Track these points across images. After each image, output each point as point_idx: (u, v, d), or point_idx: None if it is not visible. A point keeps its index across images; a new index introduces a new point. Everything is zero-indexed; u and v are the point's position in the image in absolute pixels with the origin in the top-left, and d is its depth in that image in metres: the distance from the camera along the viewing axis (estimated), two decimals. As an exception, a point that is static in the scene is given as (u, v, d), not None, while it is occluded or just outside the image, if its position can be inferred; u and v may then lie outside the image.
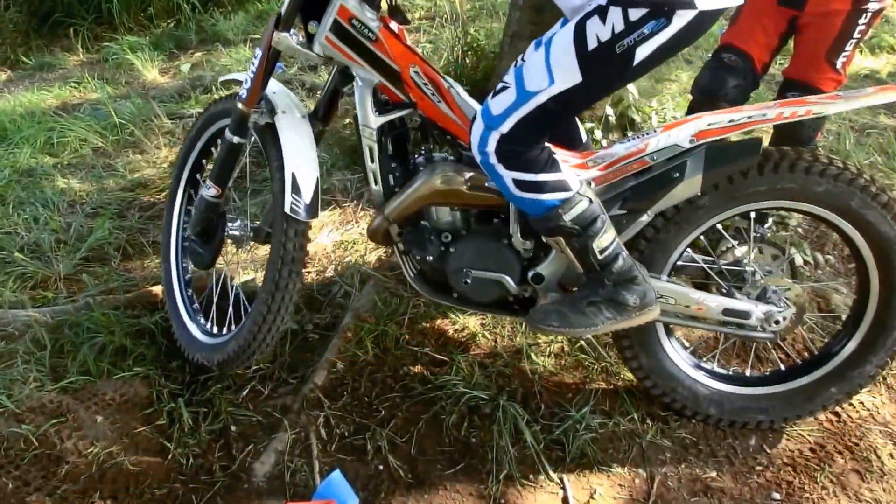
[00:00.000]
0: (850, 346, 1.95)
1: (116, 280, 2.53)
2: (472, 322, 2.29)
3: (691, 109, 2.50)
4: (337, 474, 1.81)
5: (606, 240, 1.69)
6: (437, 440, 1.95)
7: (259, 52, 1.84)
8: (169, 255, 2.27)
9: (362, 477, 1.86)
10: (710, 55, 2.43)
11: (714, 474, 1.90)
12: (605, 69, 1.53)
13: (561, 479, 1.86)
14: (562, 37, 1.53)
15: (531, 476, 1.87)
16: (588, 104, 1.62)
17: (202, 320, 2.19)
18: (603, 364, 2.18)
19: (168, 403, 2.04)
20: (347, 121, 3.22)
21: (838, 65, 2.24)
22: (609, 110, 2.81)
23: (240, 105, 1.90)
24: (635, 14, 1.45)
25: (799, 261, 2.63)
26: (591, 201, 1.68)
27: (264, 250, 2.64)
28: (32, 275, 2.55)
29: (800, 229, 2.81)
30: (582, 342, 2.21)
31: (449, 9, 3.59)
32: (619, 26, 1.45)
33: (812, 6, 2.20)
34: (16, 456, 1.84)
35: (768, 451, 1.98)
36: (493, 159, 1.63)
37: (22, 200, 3.03)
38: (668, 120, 2.84)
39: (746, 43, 2.32)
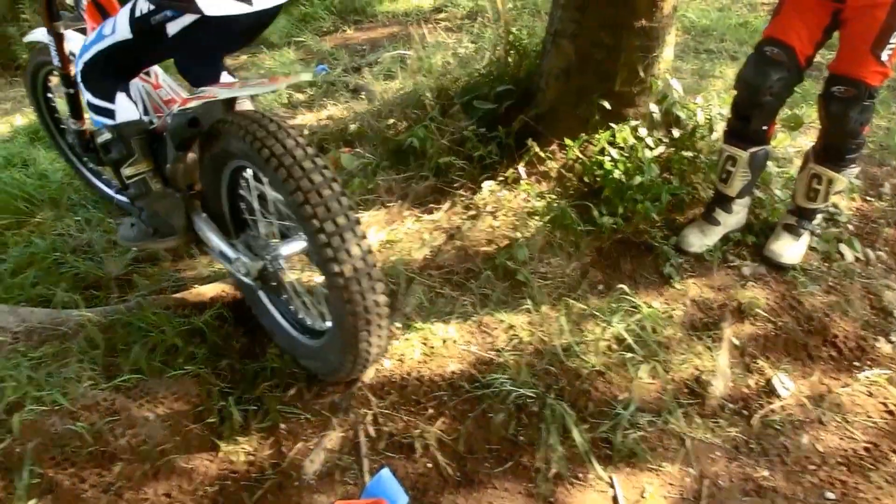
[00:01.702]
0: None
1: (166, 280, 2.57)
2: (518, 320, 2.29)
3: (736, 104, 2.47)
4: (386, 472, 1.82)
5: (132, 171, 2.09)
6: (485, 438, 1.95)
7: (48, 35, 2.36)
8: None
9: (411, 475, 1.86)
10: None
11: (766, 473, 1.88)
12: (147, 34, 1.91)
13: (610, 478, 1.85)
14: (131, 3, 1.92)
15: (580, 474, 1.86)
16: (145, 59, 2.10)
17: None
18: (651, 362, 2.16)
19: (218, 402, 2.07)
20: (391, 120, 3.23)
21: (884, 57, 2.19)
22: (653, 108, 2.78)
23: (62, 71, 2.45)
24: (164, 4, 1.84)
25: (849, 257, 2.58)
26: (119, 135, 2.07)
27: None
28: (85, 275, 2.60)
29: (850, 226, 2.75)
30: (629, 341, 2.19)
31: (491, 8, 3.58)
32: (151, 7, 1.86)
33: (854, -1, 2.16)
34: (72, 453, 1.88)
35: (821, 450, 1.94)
36: (80, 78, 2.10)
37: (74, 203, 3.10)
38: (713, 117, 2.80)
39: (789, 36, 2.30)
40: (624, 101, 2.78)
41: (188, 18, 1.83)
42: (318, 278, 2.11)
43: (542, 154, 2.81)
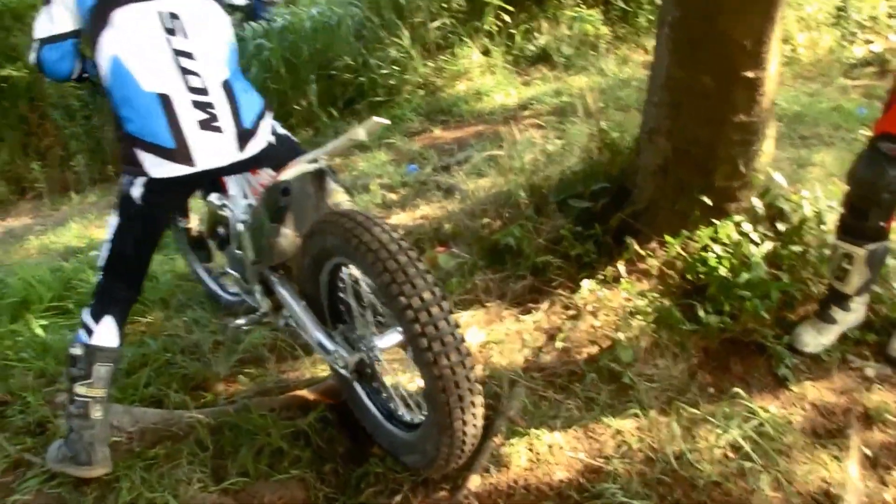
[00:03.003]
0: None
1: (270, 381, 2.61)
2: (626, 425, 2.20)
3: (850, 201, 2.37)
4: (498, 589, 1.75)
5: (83, 392, 2.09)
6: (598, 554, 1.86)
7: None
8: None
9: (522, 592, 1.78)
10: (852, 135, 2.32)
11: None
12: (124, 207, 2.15)
13: None
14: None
15: None
16: (143, 241, 2.22)
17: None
18: (771, 472, 2.02)
19: (324, 507, 2.06)
20: (485, 219, 3.27)
21: None
22: (756, 202, 2.72)
23: None
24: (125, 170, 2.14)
25: None
26: (87, 358, 2.10)
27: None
28: (194, 375, 2.67)
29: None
30: (746, 448, 2.07)
31: (580, 105, 3.64)
32: (121, 179, 2.16)
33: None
34: (187, 557, 1.90)
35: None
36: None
37: (182, 304, 3.23)
38: (822, 211, 2.70)
39: None
40: (725, 196, 2.72)
41: (140, 181, 2.10)
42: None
43: (641, 252, 2.77)
